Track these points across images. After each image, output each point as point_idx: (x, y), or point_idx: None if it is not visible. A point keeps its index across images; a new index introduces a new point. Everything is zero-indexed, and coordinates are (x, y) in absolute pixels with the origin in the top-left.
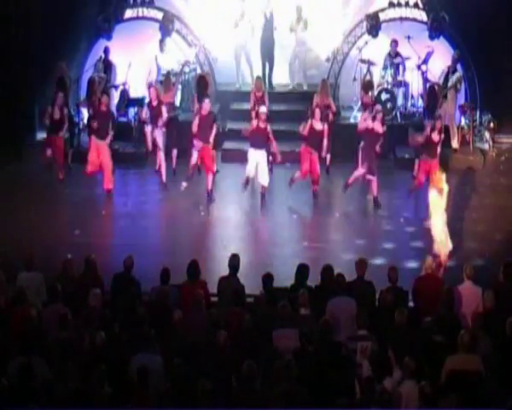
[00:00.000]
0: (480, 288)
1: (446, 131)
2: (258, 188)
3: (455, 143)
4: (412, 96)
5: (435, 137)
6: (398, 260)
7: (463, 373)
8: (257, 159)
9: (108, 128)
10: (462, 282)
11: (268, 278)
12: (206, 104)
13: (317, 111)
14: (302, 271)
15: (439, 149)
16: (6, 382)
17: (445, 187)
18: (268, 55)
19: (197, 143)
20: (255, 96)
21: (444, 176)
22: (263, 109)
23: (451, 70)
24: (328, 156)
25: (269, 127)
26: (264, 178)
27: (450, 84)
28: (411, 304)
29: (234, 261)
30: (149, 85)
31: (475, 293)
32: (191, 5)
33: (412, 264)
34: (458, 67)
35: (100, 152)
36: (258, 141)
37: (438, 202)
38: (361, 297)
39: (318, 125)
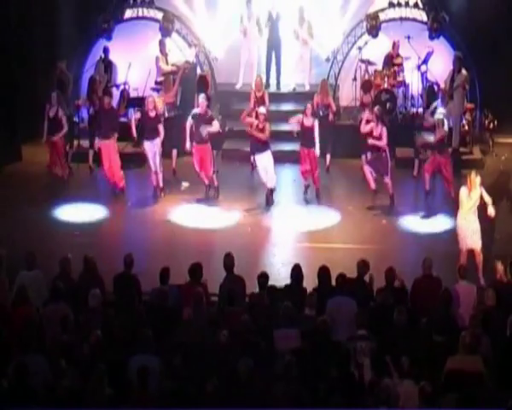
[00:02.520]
0: (474, 286)
1: (449, 131)
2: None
3: (456, 144)
4: (412, 96)
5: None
6: (398, 260)
7: (464, 374)
8: (264, 164)
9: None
10: (457, 282)
11: (263, 278)
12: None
13: (309, 107)
14: (296, 271)
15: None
16: (6, 382)
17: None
18: (275, 56)
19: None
20: (255, 96)
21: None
22: (262, 110)
23: (456, 70)
24: (328, 156)
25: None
26: (271, 182)
27: (456, 83)
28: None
29: (226, 260)
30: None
31: (471, 292)
32: (191, 5)
33: (412, 263)
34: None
35: (109, 153)
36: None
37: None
38: (361, 297)
39: (308, 121)
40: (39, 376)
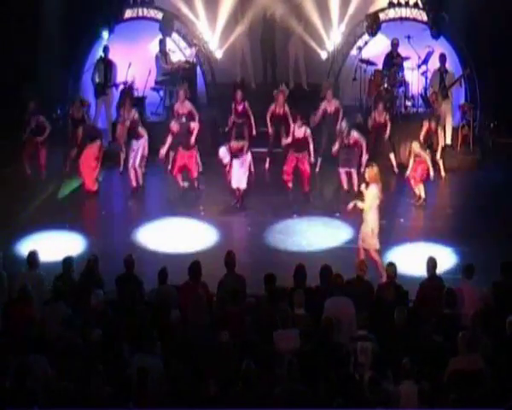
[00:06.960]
0: (477, 287)
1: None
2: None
3: (448, 141)
4: (412, 96)
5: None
6: (396, 260)
7: (465, 373)
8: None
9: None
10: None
11: (270, 279)
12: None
13: (298, 117)
14: (300, 271)
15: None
16: (6, 382)
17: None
18: (269, 55)
19: None
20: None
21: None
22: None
23: (443, 69)
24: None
25: None
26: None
27: (449, 82)
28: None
29: (228, 259)
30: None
31: (474, 292)
32: (191, 5)
33: (411, 263)
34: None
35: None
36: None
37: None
38: (361, 297)
39: (299, 133)
40: (39, 376)
